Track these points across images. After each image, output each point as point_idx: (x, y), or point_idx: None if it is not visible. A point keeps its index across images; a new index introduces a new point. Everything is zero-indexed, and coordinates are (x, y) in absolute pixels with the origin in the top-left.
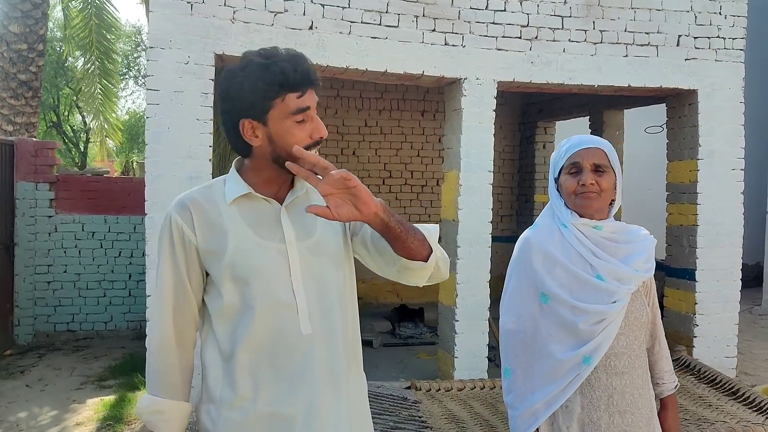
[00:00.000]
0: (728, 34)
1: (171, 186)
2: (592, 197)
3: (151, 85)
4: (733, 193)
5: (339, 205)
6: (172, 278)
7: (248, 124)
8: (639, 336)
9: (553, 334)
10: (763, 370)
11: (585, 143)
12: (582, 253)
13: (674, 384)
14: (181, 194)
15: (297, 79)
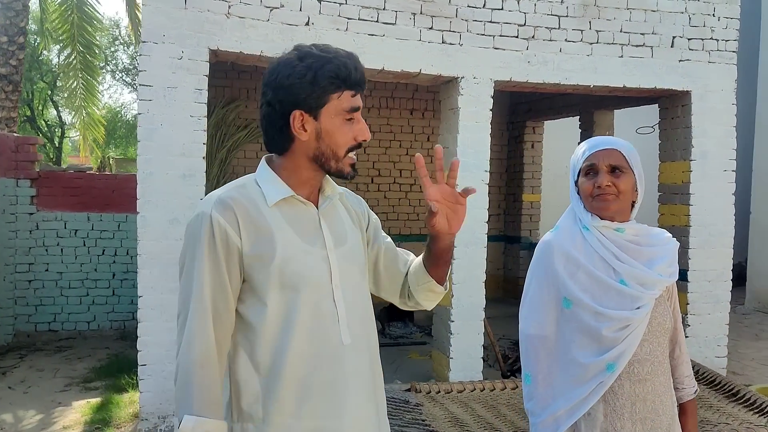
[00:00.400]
0: (721, 35)
1: (163, 184)
2: (609, 199)
3: (143, 80)
4: (725, 194)
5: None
6: (211, 283)
7: (299, 116)
8: (662, 342)
9: (575, 340)
10: (750, 369)
11: (601, 145)
12: (605, 256)
13: (694, 389)
14: (216, 192)
15: (357, 77)
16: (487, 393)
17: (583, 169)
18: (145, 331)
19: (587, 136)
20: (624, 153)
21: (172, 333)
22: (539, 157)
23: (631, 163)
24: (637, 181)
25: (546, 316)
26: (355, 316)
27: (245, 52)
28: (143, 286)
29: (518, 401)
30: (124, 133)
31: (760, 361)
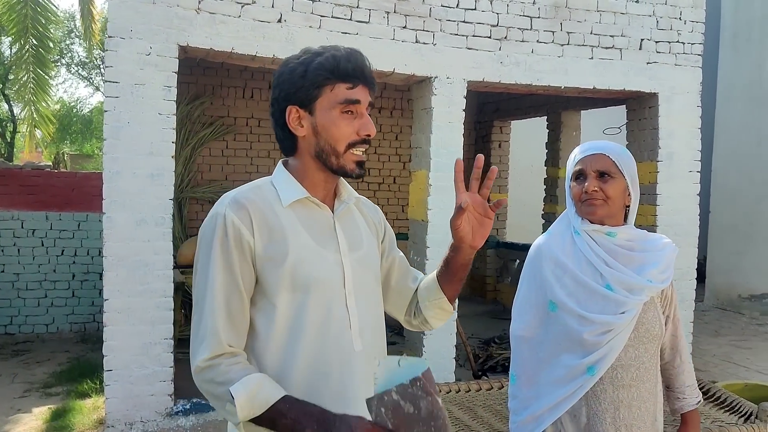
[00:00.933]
0: (687, 39)
1: (130, 183)
2: (596, 204)
3: (109, 77)
4: (690, 194)
5: (465, 222)
6: (224, 283)
7: (295, 112)
8: (650, 349)
9: (560, 342)
10: (712, 365)
11: (590, 150)
12: (593, 261)
13: (697, 399)
14: (231, 193)
15: (348, 68)
16: (463, 394)
17: (573, 174)
18: (111, 336)
19: (554, 136)
20: (613, 158)
21: (140, 337)
22: (506, 157)
23: (621, 167)
24: (629, 186)
25: (532, 318)
26: (368, 323)
27: (216, 48)
28: (109, 288)
29: (494, 402)
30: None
31: (721, 358)
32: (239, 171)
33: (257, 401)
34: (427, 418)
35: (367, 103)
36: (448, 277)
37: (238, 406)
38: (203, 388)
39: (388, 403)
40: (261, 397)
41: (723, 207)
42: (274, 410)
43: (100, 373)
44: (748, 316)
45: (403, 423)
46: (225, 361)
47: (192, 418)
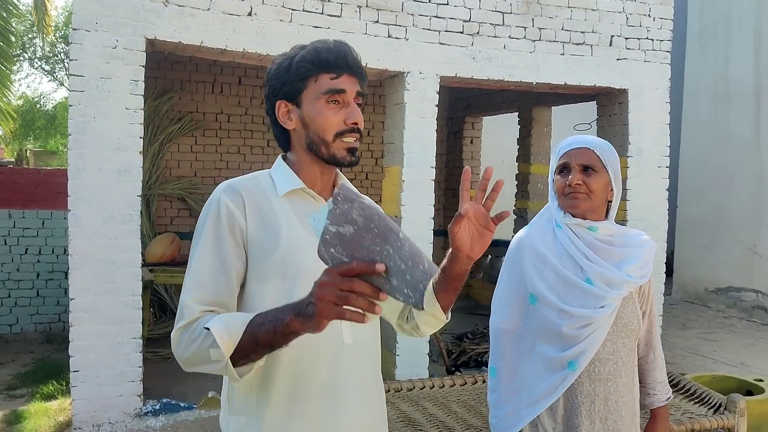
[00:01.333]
0: (656, 36)
1: (97, 180)
2: (580, 197)
3: (74, 70)
4: (659, 189)
5: (464, 231)
6: (210, 262)
7: (283, 106)
8: (628, 343)
9: (540, 335)
10: (680, 358)
11: (575, 144)
12: (573, 254)
13: (667, 395)
14: (228, 181)
15: (330, 58)
16: (437, 390)
17: (557, 168)
18: (77, 336)
19: (525, 132)
20: (598, 153)
21: (107, 336)
22: (478, 153)
23: (605, 162)
24: (611, 180)
25: (513, 311)
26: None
27: (184, 42)
28: (75, 288)
29: (468, 398)
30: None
31: (689, 350)
32: (208, 167)
33: (234, 325)
34: (365, 223)
35: (354, 92)
36: (444, 286)
37: (217, 336)
38: (184, 354)
39: (332, 239)
40: (236, 321)
41: (690, 202)
42: (253, 325)
43: (67, 374)
44: (714, 309)
45: (352, 247)
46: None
47: (162, 418)
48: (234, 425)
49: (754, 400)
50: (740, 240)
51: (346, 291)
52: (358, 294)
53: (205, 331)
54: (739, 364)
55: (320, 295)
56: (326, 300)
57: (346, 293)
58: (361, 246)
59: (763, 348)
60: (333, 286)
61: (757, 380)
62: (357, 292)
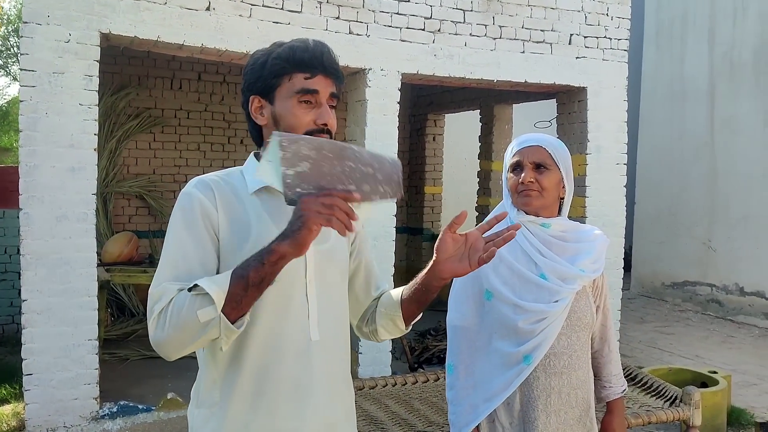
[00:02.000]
0: (614, 35)
1: (50, 178)
2: (532, 195)
3: (25, 64)
4: (617, 186)
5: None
6: (186, 249)
7: (257, 102)
8: (582, 337)
9: (496, 331)
10: (638, 351)
11: (528, 142)
12: (528, 250)
13: (622, 388)
14: (200, 176)
15: (304, 58)
16: (399, 388)
17: (510, 165)
18: (30, 338)
19: (487, 129)
20: (549, 150)
21: (61, 339)
22: (440, 150)
23: (557, 160)
24: (563, 178)
25: (469, 307)
26: (329, 315)
27: (140, 36)
28: (28, 288)
29: (430, 395)
30: None
31: (646, 344)
32: (167, 164)
33: (219, 278)
34: (319, 153)
35: (327, 93)
36: (411, 296)
37: (206, 287)
38: (170, 334)
39: (293, 181)
40: (220, 275)
41: (647, 198)
42: (238, 269)
43: (20, 377)
44: (670, 303)
45: (316, 178)
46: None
47: (119, 421)
48: (199, 418)
49: (709, 391)
50: (695, 235)
51: (327, 203)
52: (338, 207)
53: (189, 296)
54: (695, 357)
55: (305, 208)
56: (312, 210)
57: (329, 204)
58: (324, 174)
59: (717, 341)
60: (316, 200)
61: (711, 372)
62: (337, 204)
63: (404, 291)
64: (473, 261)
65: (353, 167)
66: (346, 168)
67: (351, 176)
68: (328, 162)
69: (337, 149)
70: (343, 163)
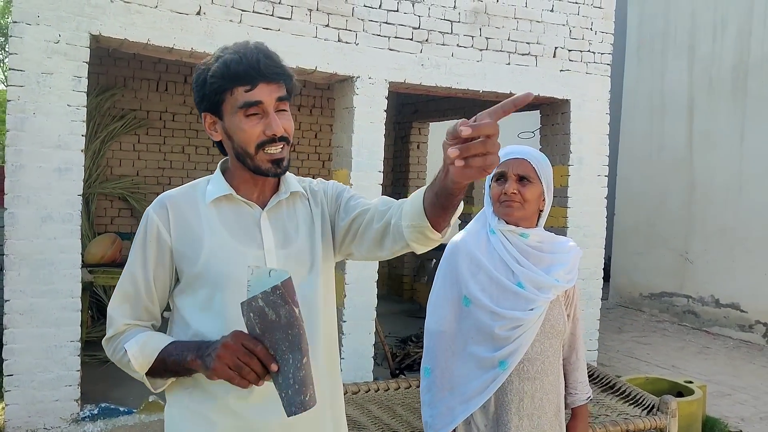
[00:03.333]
0: (598, 49)
1: (35, 178)
2: (514, 206)
3: (13, 64)
4: (598, 198)
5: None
6: (133, 276)
7: (209, 119)
8: (554, 344)
9: (473, 336)
10: (616, 360)
11: (513, 154)
12: (506, 259)
13: (587, 395)
14: (161, 194)
15: (239, 71)
16: (381, 393)
17: (494, 176)
18: (12, 339)
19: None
20: (533, 164)
21: (44, 340)
22: (424, 158)
23: (539, 173)
24: (545, 191)
25: (447, 313)
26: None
27: (130, 39)
28: (11, 289)
29: (412, 401)
30: None
31: (624, 353)
32: (151, 166)
33: (147, 350)
34: (285, 326)
35: (273, 100)
36: (434, 200)
37: (131, 356)
38: (112, 359)
39: (255, 308)
40: (150, 346)
41: (626, 210)
42: (164, 353)
43: (0, 378)
44: (648, 314)
45: (267, 329)
46: (123, 335)
47: (100, 423)
48: (168, 417)
49: (685, 401)
50: (672, 247)
51: (242, 362)
52: (250, 369)
53: (124, 348)
54: (671, 367)
55: (221, 355)
56: (224, 361)
57: (242, 364)
58: (273, 336)
59: (693, 351)
60: (235, 353)
61: (687, 382)
62: (251, 367)
63: (426, 198)
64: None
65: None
66: (286, 357)
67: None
68: (283, 338)
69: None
70: (288, 353)
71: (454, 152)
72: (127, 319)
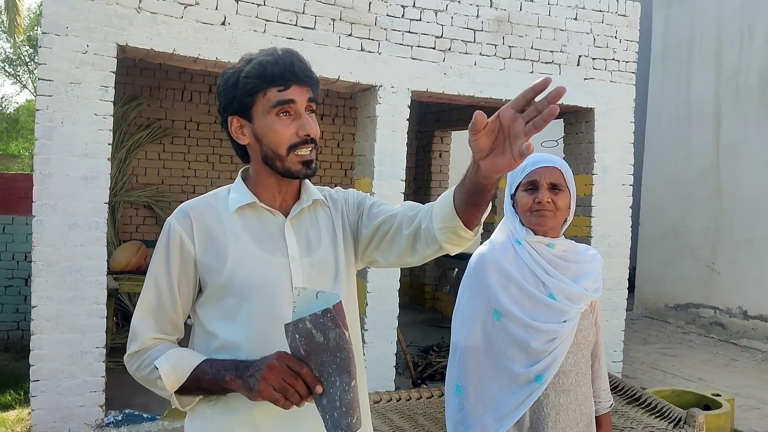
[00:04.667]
0: (622, 57)
1: (63, 186)
2: (548, 215)
3: (43, 74)
4: (623, 207)
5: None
6: (158, 287)
7: (236, 122)
8: (586, 354)
9: (505, 351)
10: (641, 372)
11: (543, 162)
12: (535, 271)
13: (610, 403)
14: (186, 201)
15: (275, 72)
16: (404, 403)
17: (523, 184)
18: (38, 344)
19: None
20: (563, 172)
21: (69, 345)
22: (447, 167)
23: (568, 182)
24: (571, 200)
25: (476, 327)
26: None
27: (156, 49)
28: (38, 295)
29: (434, 410)
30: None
31: (649, 365)
32: (176, 175)
33: (180, 368)
34: (334, 349)
35: (305, 100)
36: (464, 198)
37: (164, 376)
38: (135, 376)
39: (302, 330)
40: (183, 364)
41: (652, 219)
42: (198, 371)
43: (25, 383)
44: (674, 325)
45: (313, 351)
46: (150, 351)
47: (124, 429)
48: (189, 430)
49: (712, 414)
50: (699, 257)
51: (288, 383)
52: (295, 390)
53: (153, 365)
54: (698, 379)
55: (267, 377)
56: (270, 383)
57: (288, 386)
58: (319, 358)
59: (720, 364)
60: (281, 374)
61: (714, 395)
62: (296, 389)
63: (456, 198)
64: (515, 152)
65: (336, 386)
66: (332, 379)
67: (326, 386)
68: (330, 360)
69: (344, 366)
70: (335, 376)
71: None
72: (153, 333)
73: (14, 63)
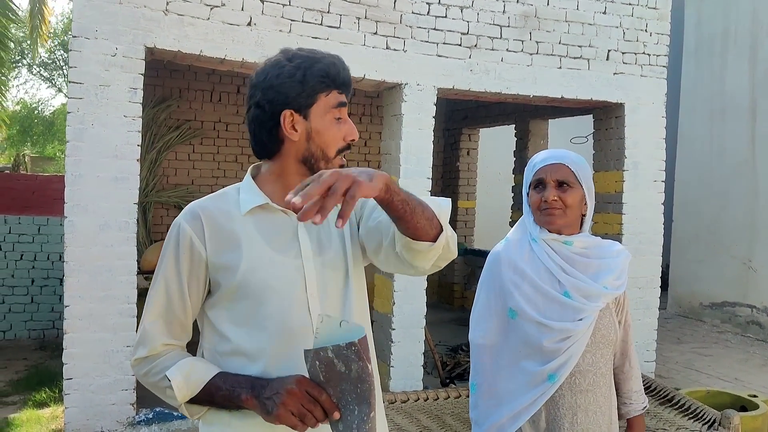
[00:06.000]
0: (653, 51)
1: (94, 187)
2: (555, 213)
3: (73, 77)
4: (655, 203)
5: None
6: (167, 290)
7: (290, 116)
8: (606, 354)
9: (520, 350)
10: (675, 372)
11: (550, 159)
12: (551, 268)
13: (643, 405)
14: (194, 202)
15: (345, 77)
16: (431, 402)
17: (532, 183)
18: (71, 343)
19: (522, 144)
20: (572, 168)
21: (101, 344)
22: (474, 164)
23: (579, 177)
24: (586, 195)
25: (492, 325)
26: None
27: (183, 50)
28: (70, 295)
29: (462, 410)
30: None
31: (683, 365)
32: (206, 175)
33: (192, 381)
34: (356, 380)
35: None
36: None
37: (176, 388)
38: (143, 380)
39: (323, 358)
40: (196, 376)
41: (685, 217)
42: (211, 385)
43: (60, 381)
44: (708, 324)
45: (333, 379)
46: (161, 358)
47: (155, 427)
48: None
49: (749, 416)
50: (735, 255)
51: (306, 409)
52: (313, 416)
53: (165, 374)
54: (734, 380)
55: (286, 402)
56: (289, 407)
57: (306, 411)
58: (339, 387)
59: (757, 364)
60: (300, 399)
61: (751, 396)
62: (313, 414)
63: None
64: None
65: (354, 415)
66: (351, 408)
67: (344, 414)
68: (350, 390)
69: (364, 397)
70: (354, 406)
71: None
72: (164, 338)
73: (49, 67)
